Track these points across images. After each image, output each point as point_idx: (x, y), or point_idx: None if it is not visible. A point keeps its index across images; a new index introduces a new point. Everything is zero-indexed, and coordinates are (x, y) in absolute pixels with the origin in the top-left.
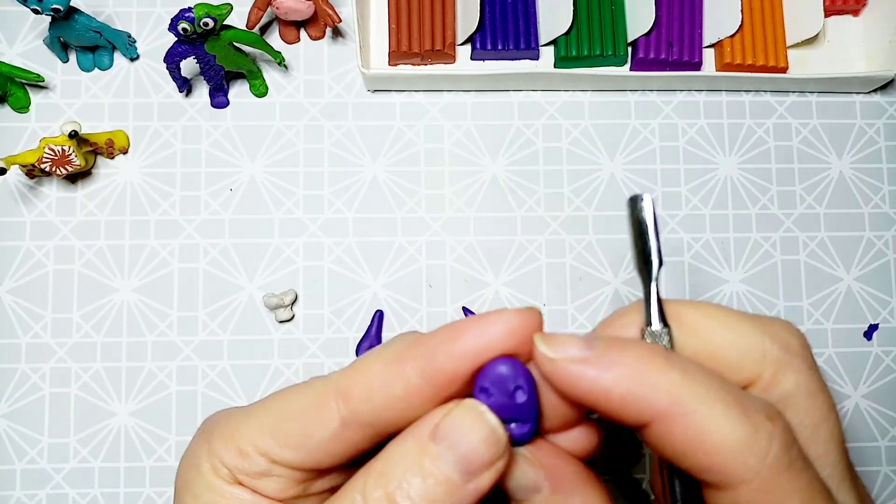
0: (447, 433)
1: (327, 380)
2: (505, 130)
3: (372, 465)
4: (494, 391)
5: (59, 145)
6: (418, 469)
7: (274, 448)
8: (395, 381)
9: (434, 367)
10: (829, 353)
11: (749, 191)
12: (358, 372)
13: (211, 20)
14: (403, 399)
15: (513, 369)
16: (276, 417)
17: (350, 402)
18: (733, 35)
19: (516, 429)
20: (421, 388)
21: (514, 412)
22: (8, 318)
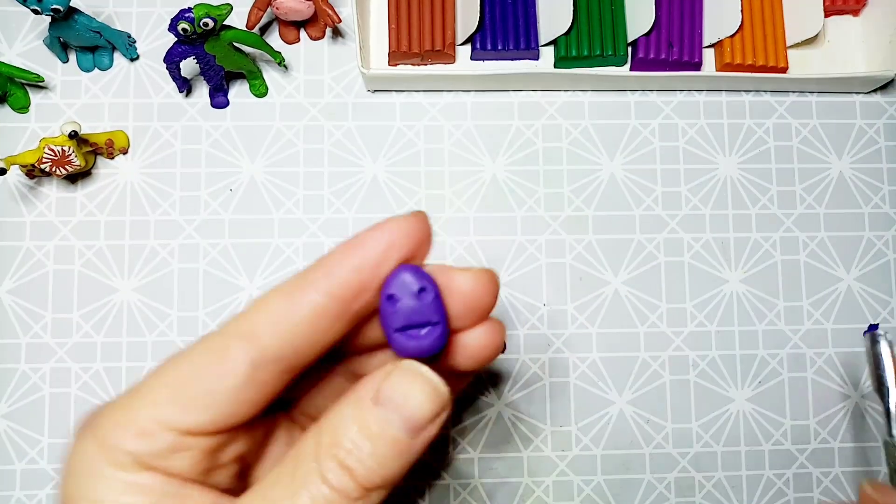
0: (390, 397)
1: (223, 330)
2: (505, 130)
3: (319, 435)
4: (401, 295)
5: (59, 145)
6: (366, 433)
7: (180, 416)
8: (300, 306)
9: (337, 283)
10: (829, 353)
11: (749, 191)
12: (258, 310)
13: (211, 20)
14: (312, 322)
15: (415, 273)
16: (174, 385)
17: (257, 341)
18: (733, 35)
19: (429, 332)
20: (327, 307)
21: (424, 314)
22: (8, 318)
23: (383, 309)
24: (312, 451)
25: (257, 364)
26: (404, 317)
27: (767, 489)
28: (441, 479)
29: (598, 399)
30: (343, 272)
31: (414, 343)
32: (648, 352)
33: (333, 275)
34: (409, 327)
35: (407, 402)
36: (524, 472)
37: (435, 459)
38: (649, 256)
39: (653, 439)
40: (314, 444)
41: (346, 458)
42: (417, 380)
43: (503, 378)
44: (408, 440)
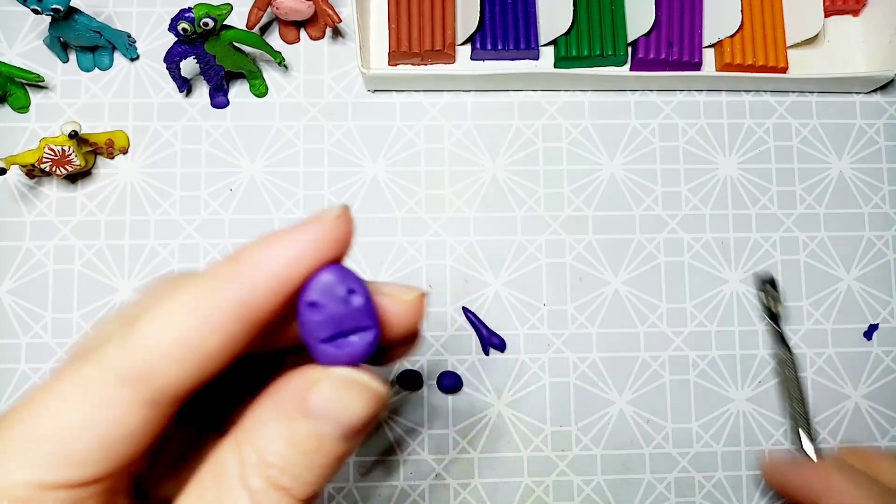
0: (324, 408)
1: (102, 362)
2: (505, 130)
3: (241, 452)
4: (326, 302)
5: (59, 145)
6: (299, 448)
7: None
8: (205, 326)
9: (249, 292)
10: (829, 353)
11: (749, 191)
12: (150, 336)
13: (211, 20)
14: (219, 344)
15: (341, 274)
16: (49, 438)
17: (153, 381)
18: (733, 35)
19: (360, 339)
20: (237, 321)
21: (353, 320)
22: (8, 318)
23: (305, 318)
24: (237, 472)
25: (153, 405)
26: (332, 325)
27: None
28: (441, 479)
29: (598, 399)
30: (254, 286)
31: (345, 353)
32: (648, 352)
33: (242, 289)
34: (337, 336)
35: (344, 413)
36: (524, 472)
37: (435, 459)
38: (649, 256)
39: (653, 439)
40: (237, 464)
41: (279, 478)
42: (353, 388)
43: (503, 378)
44: (345, 445)
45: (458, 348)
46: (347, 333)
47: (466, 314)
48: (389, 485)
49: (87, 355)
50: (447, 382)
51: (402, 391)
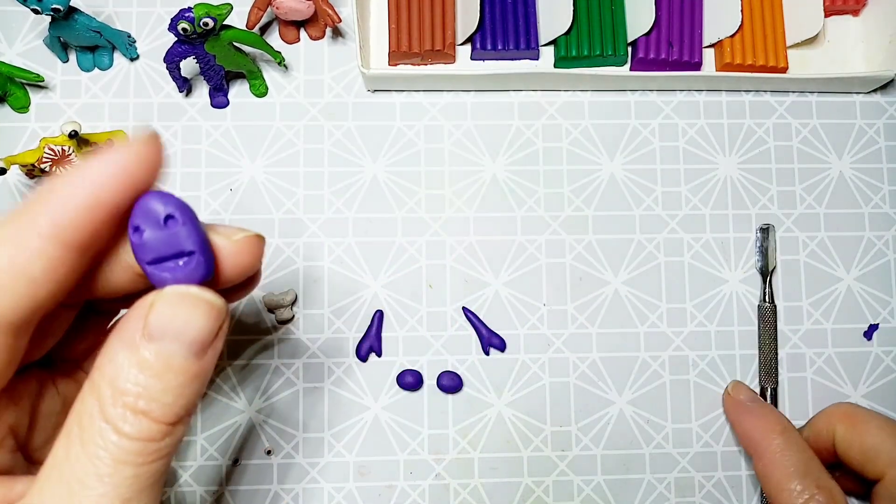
0: (163, 328)
1: None
2: (505, 130)
3: (97, 390)
4: (146, 226)
5: (59, 145)
6: (151, 371)
7: None
8: (23, 257)
9: (62, 220)
10: (829, 353)
11: (749, 191)
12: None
13: (211, 20)
14: (43, 273)
15: (161, 199)
16: None
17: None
18: (733, 35)
19: (184, 264)
20: (56, 251)
21: (172, 244)
22: None
23: (131, 241)
24: (97, 410)
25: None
26: (153, 250)
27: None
28: (441, 479)
29: (598, 399)
30: (68, 208)
31: (169, 276)
32: (648, 352)
33: (56, 212)
34: (163, 259)
35: (184, 328)
36: (524, 472)
37: (435, 459)
38: (649, 256)
39: (653, 439)
40: (95, 402)
41: (136, 403)
42: (186, 302)
43: (503, 378)
44: (197, 362)
45: (458, 348)
46: (173, 257)
47: (466, 314)
48: (389, 485)
49: None
50: (447, 382)
51: (402, 391)
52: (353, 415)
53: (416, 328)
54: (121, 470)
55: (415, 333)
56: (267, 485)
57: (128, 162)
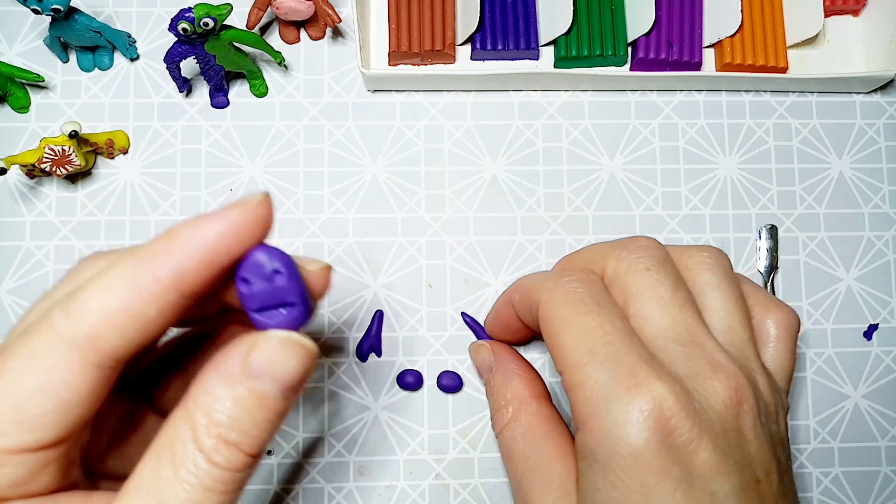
0: (263, 368)
1: (49, 329)
2: (505, 130)
3: (192, 417)
4: (254, 279)
5: (60, 145)
6: (244, 406)
7: (21, 437)
8: (143, 293)
9: (182, 264)
10: (829, 353)
11: (749, 191)
12: (92, 303)
13: (211, 20)
14: (157, 311)
15: (267, 255)
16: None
17: (96, 345)
18: (733, 35)
19: (287, 314)
20: (176, 301)
21: (277, 296)
22: (8, 318)
23: (239, 290)
24: (191, 438)
25: (99, 368)
26: (259, 300)
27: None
28: (441, 479)
29: None
30: (188, 259)
31: (273, 322)
32: None
33: (178, 262)
34: (268, 307)
35: (282, 370)
36: None
37: (435, 459)
38: None
39: None
40: (189, 428)
41: (228, 434)
42: (288, 347)
43: None
44: (285, 401)
45: (458, 348)
46: (277, 306)
47: (465, 319)
48: (389, 485)
49: (31, 329)
50: (447, 382)
51: (402, 391)
52: (353, 415)
53: (416, 328)
54: (208, 497)
55: (415, 333)
56: (267, 485)
57: (245, 221)
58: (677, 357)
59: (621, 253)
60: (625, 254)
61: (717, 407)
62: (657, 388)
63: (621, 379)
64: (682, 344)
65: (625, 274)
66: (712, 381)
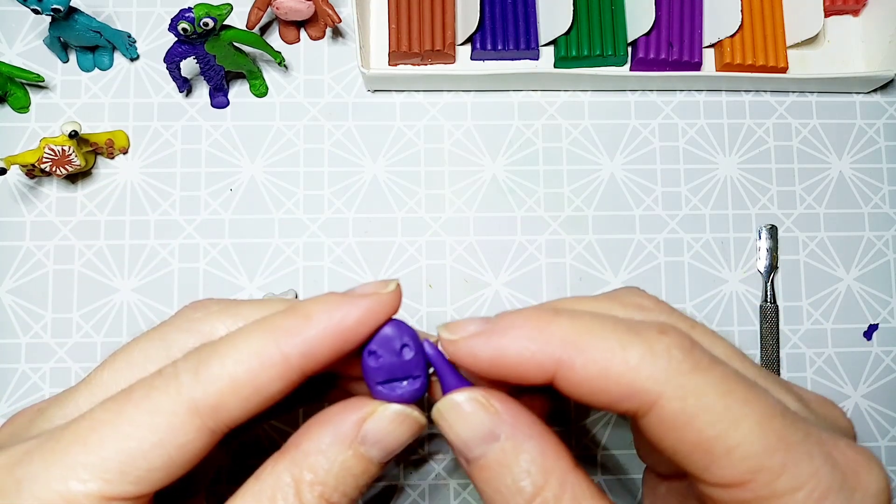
0: (378, 438)
1: (176, 393)
2: (505, 130)
3: (298, 469)
4: (383, 353)
5: (60, 145)
6: (350, 470)
7: (120, 488)
8: (271, 380)
9: (312, 360)
10: (829, 353)
11: (749, 191)
12: (221, 370)
13: (211, 20)
14: (282, 384)
15: (397, 330)
16: (114, 450)
17: (219, 413)
18: (733, 35)
19: (409, 385)
20: (298, 378)
21: (404, 369)
22: (8, 318)
23: (365, 363)
24: (293, 489)
25: (214, 433)
26: (386, 372)
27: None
28: (441, 479)
29: None
30: (319, 341)
31: (395, 395)
32: None
33: (309, 338)
34: (390, 380)
35: (393, 442)
36: None
37: (435, 459)
38: (649, 256)
39: None
40: (292, 480)
41: (331, 496)
42: (405, 420)
43: None
44: (382, 468)
45: None
46: (400, 379)
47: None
48: (389, 485)
49: (158, 385)
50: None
51: None
52: None
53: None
54: None
55: None
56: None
57: (380, 310)
58: None
59: None
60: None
61: None
62: (877, 468)
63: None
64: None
65: None
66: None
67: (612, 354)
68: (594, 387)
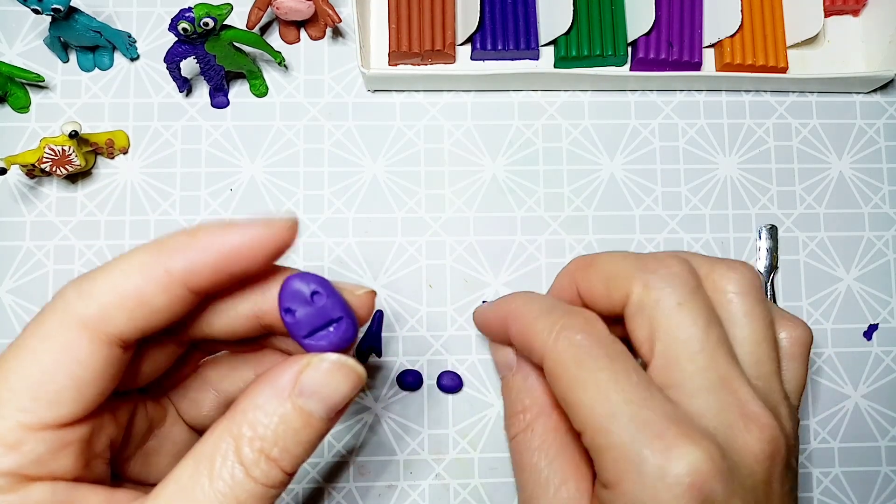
0: (315, 389)
1: (63, 309)
2: (505, 130)
3: (236, 428)
4: (296, 306)
5: (60, 145)
6: (291, 424)
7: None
8: (155, 294)
9: (196, 278)
10: (829, 353)
11: (749, 191)
12: (105, 285)
13: (211, 20)
14: (168, 300)
15: (303, 280)
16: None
17: (107, 326)
18: (733, 35)
19: (335, 330)
20: (183, 296)
21: (322, 316)
22: (8, 318)
23: (285, 322)
24: (232, 447)
25: (109, 347)
26: (307, 324)
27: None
28: (441, 479)
29: None
30: (201, 259)
31: (324, 343)
32: None
33: (190, 259)
34: (315, 330)
35: (332, 392)
36: None
37: (435, 459)
38: None
39: None
40: (232, 439)
41: (271, 451)
42: (340, 370)
43: None
44: (329, 423)
45: (459, 348)
46: (323, 326)
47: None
48: (389, 484)
49: (46, 309)
50: (447, 382)
51: (402, 391)
52: (353, 415)
53: (416, 328)
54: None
55: (415, 333)
56: None
57: (267, 239)
58: (709, 408)
59: (650, 279)
60: (654, 280)
61: (750, 462)
62: (691, 452)
63: (649, 442)
64: (714, 391)
65: (654, 307)
66: (745, 434)
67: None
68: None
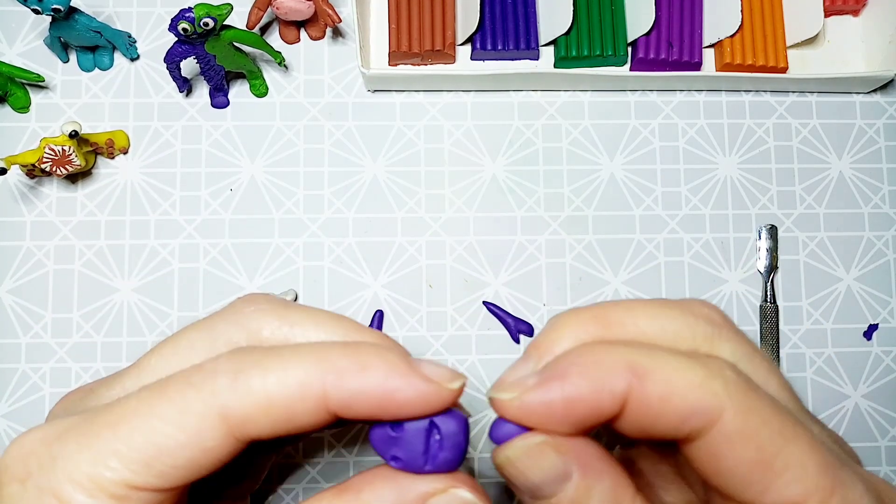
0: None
1: (209, 396)
2: (505, 130)
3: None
4: (399, 452)
5: (60, 145)
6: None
7: (144, 479)
8: (303, 410)
9: (348, 404)
10: (829, 353)
11: (749, 191)
12: (257, 395)
13: (211, 20)
14: (306, 422)
15: (424, 428)
16: (140, 444)
17: (244, 428)
18: (733, 35)
19: (442, 448)
20: (329, 416)
21: (419, 435)
22: (8, 318)
23: (394, 468)
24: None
25: (238, 443)
26: (413, 463)
27: None
28: None
29: None
30: (363, 390)
31: (444, 468)
32: None
33: (350, 387)
34: (423, 452)
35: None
36: None
37: None
38: (649, 256)
39: None
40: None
41: None
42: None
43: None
44: None
45: (458, 348)
46: (427, 442)
47: (489, 308)
48: None
49: (194, 380)
50: None
51: None
52: None
53: (416, 328)
54: None
55: (415, 333)
56: (267, 484)
57: (428, 397)
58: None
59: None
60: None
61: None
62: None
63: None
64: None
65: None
66: None
67: (678, 374)
68: (657, 409)
